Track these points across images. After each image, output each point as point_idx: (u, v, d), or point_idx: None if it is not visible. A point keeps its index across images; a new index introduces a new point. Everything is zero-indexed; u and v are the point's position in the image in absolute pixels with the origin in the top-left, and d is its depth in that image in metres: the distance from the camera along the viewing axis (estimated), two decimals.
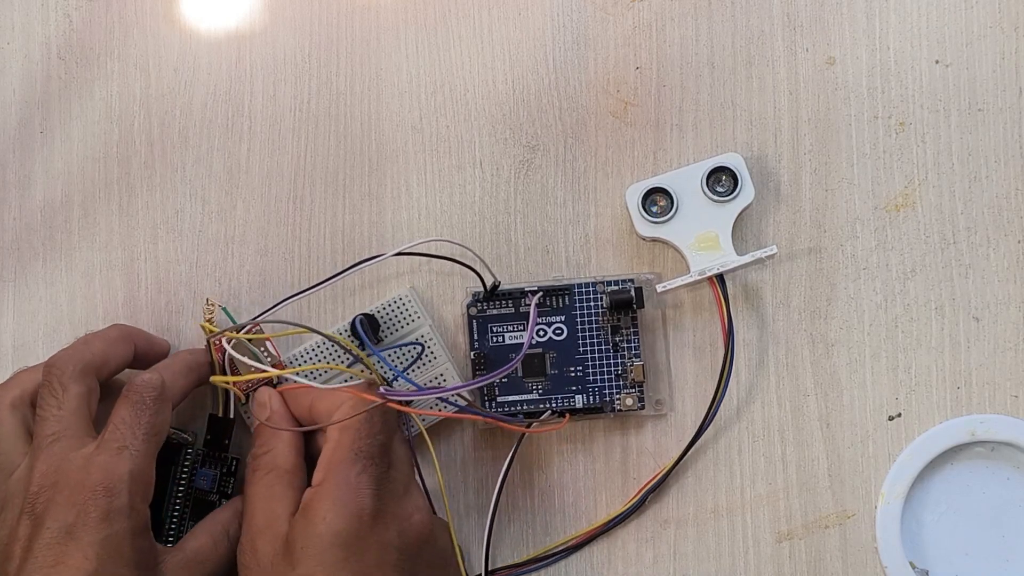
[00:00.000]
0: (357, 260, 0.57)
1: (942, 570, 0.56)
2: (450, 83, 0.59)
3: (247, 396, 0.55)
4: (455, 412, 0.55)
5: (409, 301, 0.56)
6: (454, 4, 0.59)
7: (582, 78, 0.58)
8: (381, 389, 0.51)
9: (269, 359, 0.55)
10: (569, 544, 0.57)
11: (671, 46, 0.58)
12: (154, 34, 0.59)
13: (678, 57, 0.58)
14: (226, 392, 0.55)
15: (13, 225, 0.59)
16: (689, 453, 0.56)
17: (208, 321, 0.56)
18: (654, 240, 0.57)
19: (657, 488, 0.57)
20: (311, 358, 0.56)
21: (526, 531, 0.57)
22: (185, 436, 0.55)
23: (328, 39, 0.59)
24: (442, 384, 0.56)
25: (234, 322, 0.56)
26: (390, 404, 0.51)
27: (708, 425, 0.56)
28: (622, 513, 0.57)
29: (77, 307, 0.59)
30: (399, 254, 0.56)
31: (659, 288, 0.55)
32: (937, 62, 0.58)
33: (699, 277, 0.55)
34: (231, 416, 0.55)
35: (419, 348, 0.56)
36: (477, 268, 0.56)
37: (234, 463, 0.55)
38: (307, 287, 0.57)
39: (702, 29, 0.58)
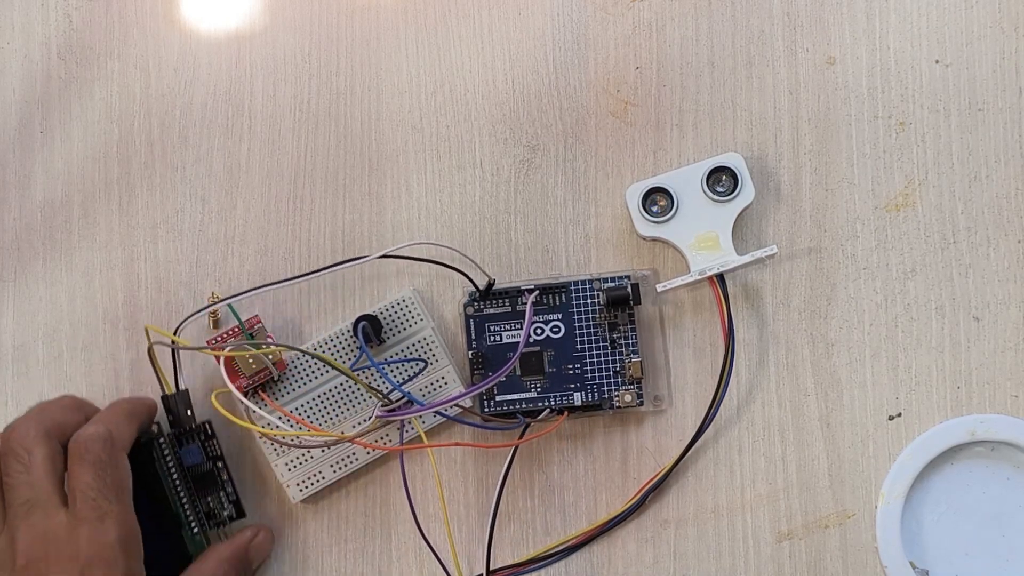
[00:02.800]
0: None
1: (942, 570, 0.56)
2: (450, 83, 0.59)
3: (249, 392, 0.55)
4: (470, 443, 0.56)
5: (412, 303, 0.57)
6: (454, 4, 0.59)
7: (582, 78, 0.58)
8: (379, 407, 0.51)
9: (271, 357, 0.55)
10: (569, 544, 0.57)
11: (671, 46, 0.58)
12: (154, 34, 0.59)
13: (678, 57, 0.58)
14: (174, 368, 0.56)
15: (13, 225, 0.59)
16: (689, 453, 0.56)
17: (212, 315, 0.56)
18: (654, 240, 0.57)
19: (657, 488, 0.57)
20: (312, 360, 0.56)
21: (526, 531, 0.57)
22: (149, 434, 0.55)
23: (328, 39, 0.59)
24: (442, 387, 0.56)
25: (238, 319, 0.56)
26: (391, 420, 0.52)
27: (708, 425, 0.56)
28: (622, 513, 0.57)
29: (77, 307, 0.59)
30: (384, 256, 0.56)
31: (659, 288, 0.55)
32: (937, 62, 0.58)
33: (699, 277, 0.55)
34: (183, 387, 0.56)
35: (422, 364, 0.56)
36: (467, 270, 0.56)
37: (208, 426, 0.55)
38: (296, 275, 0.57)
39: (702, 29, 0.58)
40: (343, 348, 0.56)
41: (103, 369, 0.58)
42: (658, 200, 0.56)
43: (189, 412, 0.56)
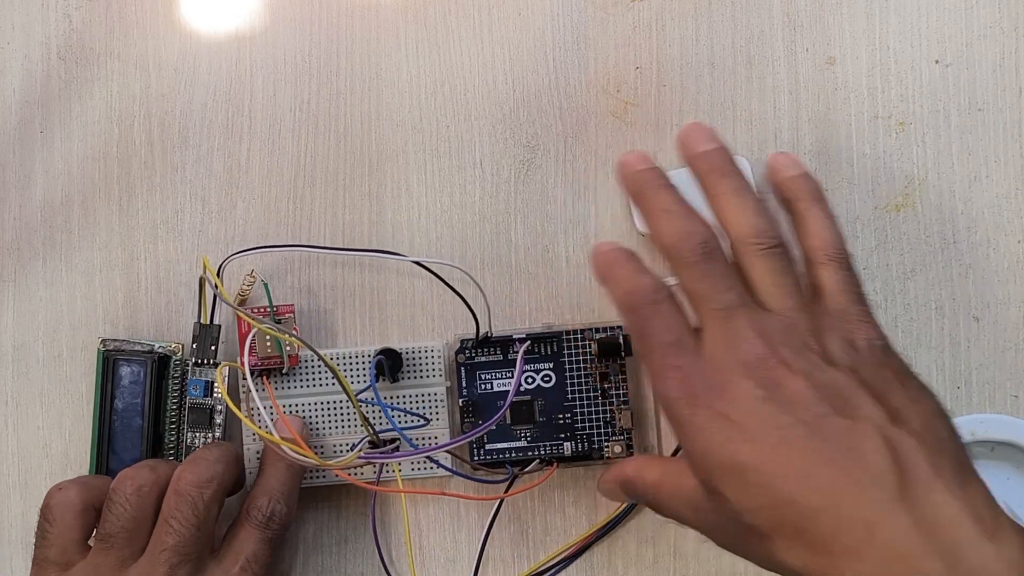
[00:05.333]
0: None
1: None
2: (450, 83, 0.59)
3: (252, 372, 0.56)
4: (437, 491, 0.56)
5: (438, 356, 0.56)
6: (454, 4, 0.59)
7: (582, 78, 0.58)
8: (366, 446, 0.53)
9: (288, 348, 0.55)
10: (570, 547, 0.57)
11: (671, 46, 0.58)
12: (154, 34, 0.59)
13: (678, 57, 0.58)
14: (212, 307, 0.56)
15: (13, 225, 0.59)
16: None
17: (244, 289, 0.56)
18: None
19: None
20: (323, 371, 0.56)
21: (525, 530, 0.57)
22: (171, 347, 0.56)
23: (328, 39, 0.59)
24: (432, 444, 0.56)
25: (270, 301, 0.56)
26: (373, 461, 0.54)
27: None
28: (619, 515, 0.57)
29: (77, 307, 0.59)
30: (416, 263, 0.56)
31: None
32: (937, 62, 0.58)
33: None
34: (217, 323, 0.56)
35: (422, 423, 0.56)
36: (479, 315, 0.56)
37: (226, 368, 0.56)
38: (311, 244, 0.58)
39: (702, 29, 0.58)
40: (357, 370, 0.56)
41: None
42: None
43: (214, 348, 0.56)
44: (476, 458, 0.56)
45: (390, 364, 0.55)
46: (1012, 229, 0.57)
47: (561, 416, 0.56)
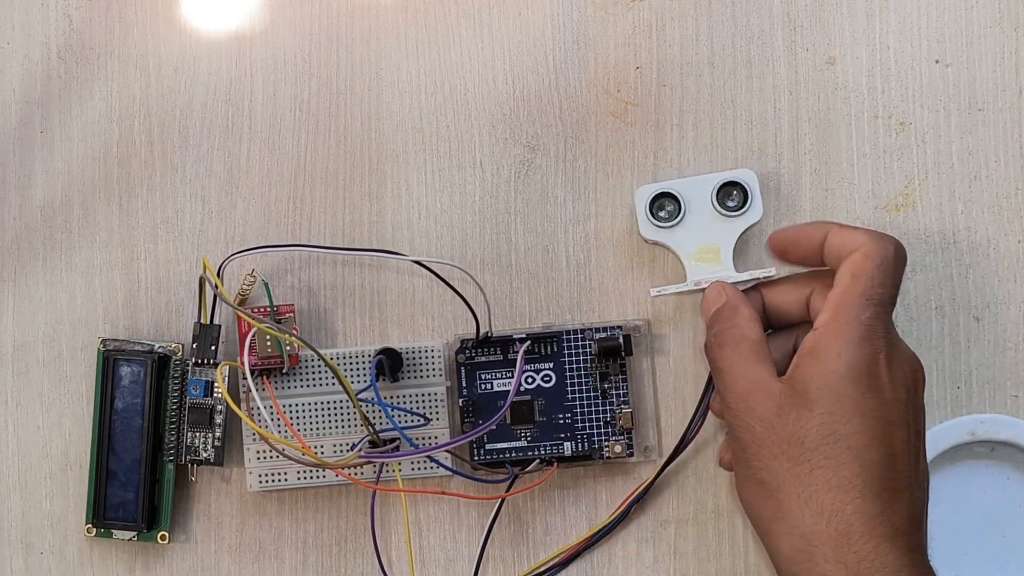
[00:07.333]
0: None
1: (942, 570, 0.56)
2: (450, 83, 0.59)
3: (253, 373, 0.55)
4: (437, 491, 0.57)
5: (438, 356, 0.56)
6: (454, 4, 0.59)
7: (582, 78, 0.58)
8: (366, 445, 0.53)
9: (289, 348, 0.55)
10: (570, 547, 0.57)
11: (671, 46, 0.58)
12: (154, 34, 0.59)
13: (678, 57, 0.58)
14: (212, 307, 0.56)
15: (13, 225, 0.59)
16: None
17: (245, 289, 0.56)
18: (655, 243, 0.57)
19: (645, 495, 0.56)
20: (323, 370, 0.56)
21: (525, 530, 0.57)
22: (171, 347, 0.56)
23: (328, 39, 0.59)
24: (431, 443, 0.56)
25: (270, 300, 0.56)
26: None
27: (697, 425, 0.56)
28: (619, 515, 0.57)
29: (77, 307, 0.59)
30: (416, 262, 0.56)
31: (652, 292, 0.55)
32: (937, 62, 0.58)
33: (694, 288, 0.55)
34: (217, 323, 0.56)
35: (422, 422, 0.56)
36: (480, 315, 0.55)
37: (226, 368, 0.56)
38: (312, 244, 0.58)
39: (702, 29, 0.58)
40: (357, 369, 0.56)
41: None
42: (665, 205, 0.56)
43: (214, 348, 0.56)
44: (476, 458, 0.56)
45: (390, 364, 0.55)
46: (1012, 229, 0.57)
47: (561, 416, 0.56)
